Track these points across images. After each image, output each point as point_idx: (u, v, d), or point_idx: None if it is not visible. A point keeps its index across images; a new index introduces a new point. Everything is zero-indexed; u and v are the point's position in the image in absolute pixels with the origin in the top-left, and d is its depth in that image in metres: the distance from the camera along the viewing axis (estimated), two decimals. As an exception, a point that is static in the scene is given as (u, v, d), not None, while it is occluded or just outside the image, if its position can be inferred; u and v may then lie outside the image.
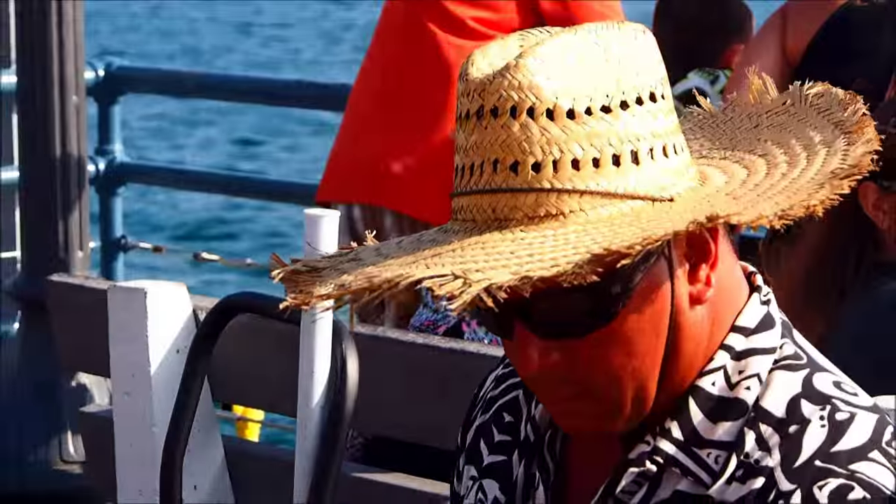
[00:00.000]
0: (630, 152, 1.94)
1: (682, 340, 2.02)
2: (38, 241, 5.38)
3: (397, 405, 3.36)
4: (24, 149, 5.40)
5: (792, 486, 1.94)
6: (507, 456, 2.29)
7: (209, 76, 9.30)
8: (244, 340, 3.69)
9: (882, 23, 4.85)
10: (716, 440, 2.00)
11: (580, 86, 1.95)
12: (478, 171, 1.94)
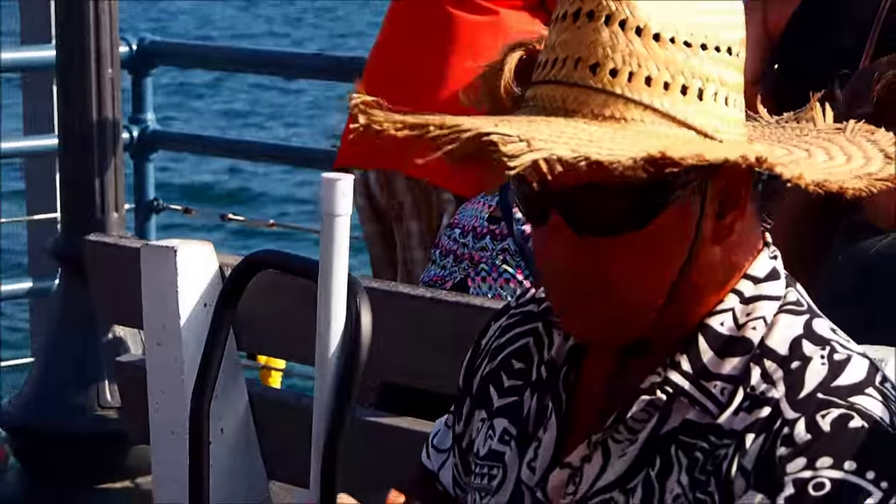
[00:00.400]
0: (697, 88, 1.99)
1: (695, 270, 2.04)
2: (76, 203, 5.38)
3: (407, 355, 3.36)
4: (62, 118, 5.39)
5: (796, 415, 1.96)
6: (519, 396, 2.29)
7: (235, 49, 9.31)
8: (266, 295, 3.69)
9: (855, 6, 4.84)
10: (723, 374, 2.03)
11: (671, 16, 2.01)
12: (560, 64, 1.99)
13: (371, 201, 5.21)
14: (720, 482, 2.00)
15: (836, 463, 1.93)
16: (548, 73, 2.03)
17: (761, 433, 1.97)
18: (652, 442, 2.08)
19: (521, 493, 2.23)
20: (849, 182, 2.00)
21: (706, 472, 2.02)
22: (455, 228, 4.16)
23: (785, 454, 1.95)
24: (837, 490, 1.93)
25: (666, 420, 2.07)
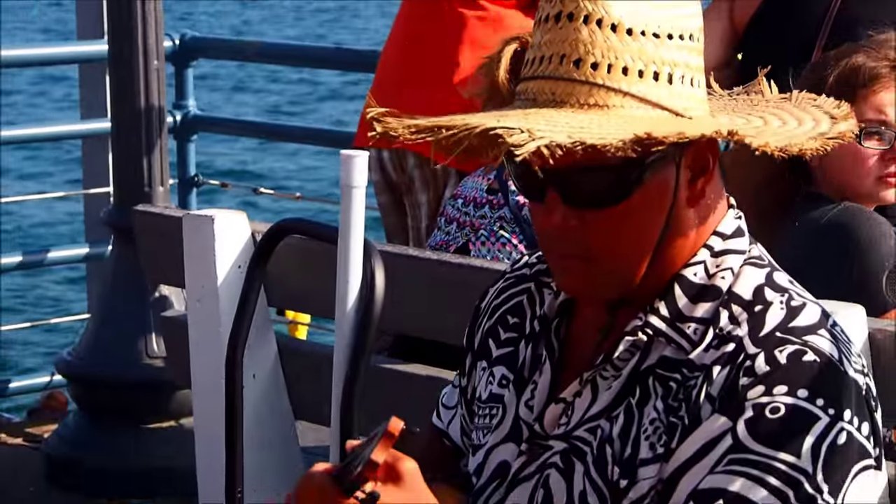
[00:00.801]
0: (667, 73, 2.04)
1: (673, 232, 2.09)
2: (127, 179, 5.38)
3: (416, 309, 3.37)
4: (114, 104, 5.39)
5: (757, 350, 2.01)
6: (514, 347, 2.32)
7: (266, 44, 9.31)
8: (293, 257, 3.69)
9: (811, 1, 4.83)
10: (696, 317, 2.08)
11: (640, 12, 2.04)
12: (547, 61, 2.04)
13: (384, 176, 5.22)
14: (690, 408, 2.03)
15: (790, 390, 1.98)
16: (536, 69, 2.07)
17: (726, 365, 2.01)
18: (633, 376, 2.12)
19: (518, 427, 2.25)
20: (806, 144, 2.07)
21: (678, 400, 2.06)
22: (458, 199, 4.17)
23: (746, 383, 1.99)
24: (791, 414, 1.98)
25: (646, 357, 2.11)
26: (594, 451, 2.12)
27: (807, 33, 4.69)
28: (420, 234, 5.08)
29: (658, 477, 2.06)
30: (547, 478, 2.17)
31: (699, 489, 2.01)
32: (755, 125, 2.12)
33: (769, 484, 1.97)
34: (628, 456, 2.09)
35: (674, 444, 2.04)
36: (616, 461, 2.10)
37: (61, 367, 5.70)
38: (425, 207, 5.14)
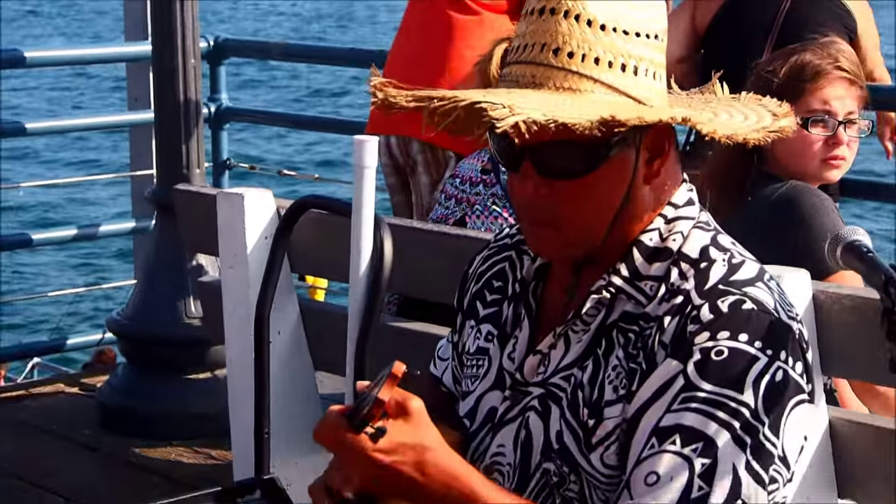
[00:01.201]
0: (633, 66, 2.07)
1: (631, 204, 2.12)
2: (168, 162, 5.39)
3: (419, 274, 3.38)
4: (157, 98, 5.41)
5: (702, 301, 2.05)
6: (498, 307, 2.33)
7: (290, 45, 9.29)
8: (312, 229, 3.69)
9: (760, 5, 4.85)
10: (651, 275, 2.11)
11: (613, 12, 2.06)
12: (530, 49, 2.06)
13: (392, 159, 5.22)
14: (646, 354, 2.07)
15: (732, 335, 2.02)
16: (520, 55, 2.08)
17: (676, 315, 2.05)
18: (600, 330, 2.14)
19: (502, 376, 2.28)
20: (750, 135, 2.12)
21: (637, 348, 2.09)
22: (456, 178, 4.18)
23: (693, 329, 2.02)
24: (733, 355, 2.01)
25: (610, 313, 2.14)
26: (568, 396, 2.15)
27: (758, 35, 4.70)
28: (423, 209, 5.09)
29: (622, 417, 2.08)
30: (527, 419, 2.20)
31: (659, 426, 2.02)
32: (707, 117, 2.13)
33: (718, 417, 1.99)
34: (596, 399, 2.11)
35: (634, 386, 2.07)
36: (586, 404, 2.12)
37: (112, 326, 5.71)
38: (428, 186, 5.14)
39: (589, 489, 2.12)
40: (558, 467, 2.14)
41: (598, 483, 2.10)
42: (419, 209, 5.16)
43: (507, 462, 2.21)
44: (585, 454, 2.11)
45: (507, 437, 2.21)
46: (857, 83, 3.60)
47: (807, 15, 4.75)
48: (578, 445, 2.11)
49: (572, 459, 2.12)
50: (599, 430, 2.10)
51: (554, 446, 2.14)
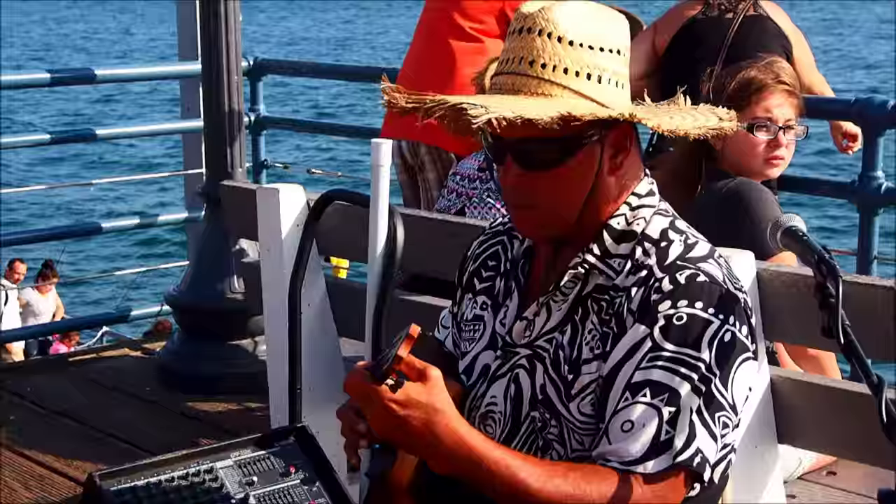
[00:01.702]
0: (597, 75, 2.08)
1: (598, 191, 2.14)
2: (215, 162, 5.37)
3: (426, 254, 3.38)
4: (206, 108, 5.38)
5: (663, 275, 2.08)
6: (492, 282, 2.36)
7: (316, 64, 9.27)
8: (337, 218, 3.70)
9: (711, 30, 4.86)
10: (619, 253, 2.13)
11: (581, 30, 2.08)
12: (511, 62, 2.09)
13: (403, 159, 5.23)
14: (617, 319, 2.10)
15: (689, 303, 2.04)
16: (503, 67, 2.11)
17: (641, 286, 2.07)
18: (577, 300, 2.16)
19: (495, 338, 2.31)
20: (691, 130, 2.14)
21: (608, 314, 2.11)
22: (457, 175, 4.20)
23: (656, 299, 2.05)
24: (691, 320, 2.04)
25: (585, 286, 2.16)
26: (551, 356, 2.16)
27: (710, 55, 4.71)
28: (429, 201, 5.09)
29: (598, 373, 2.10)
30: (517, 375, 2.22)
31: (631, 382, 2.04)
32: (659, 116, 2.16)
33: (680, 372, 2.02)
34: (574, 357, 2.14)
35: (608, 348, 2.09)
36: (566, 362, 2.14)
37: (168, 300, 5.71)
38: (433, 182, 5.15)
39: (567, 433, 2.13)
40: (542, 415, 2.16)
41: (575, 427, 2.12)
42: (426, 201, 5.16)
43: (499, 411, 2.22)
44: (565, 404, 2.12)
45: (498, 390, 2.23)
46: (794, 95, 3.61)
47: (751, 38, 4.75)
48: (559, 396, 2.13)
49: (554, 408, 2.14)
50: (577, 384, 2.11)
51: (539, 397, 2.16)
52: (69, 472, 4.56)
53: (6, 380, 5.68)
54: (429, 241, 3.49)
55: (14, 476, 4.57)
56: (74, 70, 6.20)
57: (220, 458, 3.01)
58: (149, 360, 5.89)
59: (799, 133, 3.63)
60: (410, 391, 1.93)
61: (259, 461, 3.03)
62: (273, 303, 3.88)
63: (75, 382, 5.61)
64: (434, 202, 4.88)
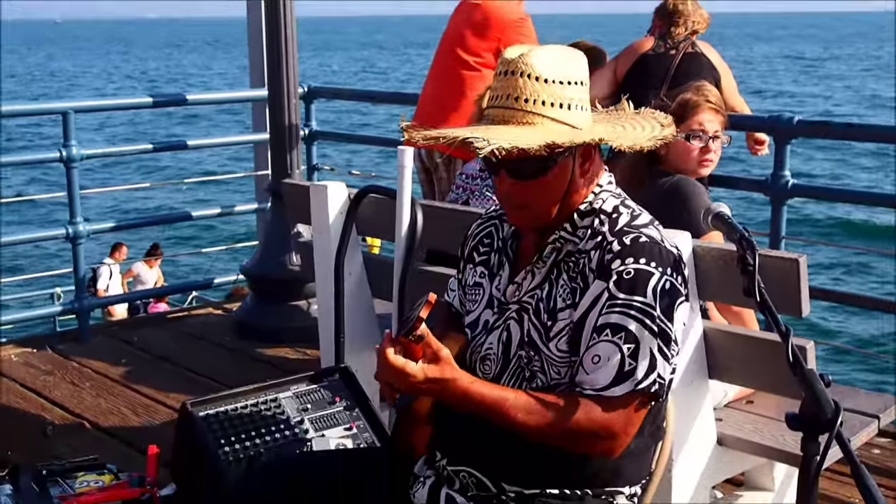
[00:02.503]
0: (568, 104, 2.05)
1: (571, 190, 2.13)
2: (279, 165, 5.39)
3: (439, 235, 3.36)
4: (272, 124, 5.39)
5: (613, 238, 2.08)
6: (488, 256, 2.34)
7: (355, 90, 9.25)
8: (371, 207, 3.68)
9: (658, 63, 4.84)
10: (583, 226, 2.12)
11: (552, 69, 2.05)
12: (499, 98, 2.06)
13: (422, 162, 5.22)
14: (582, 277, 2.10)
15: (635, 260, 2.04)
16: (493, 102, 2.09)
17: (597, 249, 2.07)
18: (553, 265, 2.16)
19: (492, 300, 2.29)
20: (645, 143, 2.12)
21: (575, 273, 2.12)
22: (462, 175, 4.18)
23: (609, 258, 2.05)
24: (638, 273, 2.04)
25: (560, 253, 2.15)
26: (534, 307, 2.16)
27: (657, 82, 4.71)
28: (442, 195, 5.09)
29: (570, 319, 2.09)
30: (508, 325, 2.21)
31: (596, 325, 2.05)
32: (618, 132, 2.14)
33: (632, 315, 2.02)
34: (551, 307, 2.13)
35: (576, 299, 2.09)
36: (545, 311, 2.14)
37: (243, 271, 5.71)
38: (445, 181, 5.14)
39: (547, 366, 2.12)
40: (528, 353, 2.15)
41: (554, 361, 2.11)
42: (439, 194, 5.16)
43: (493, 353, 2.22)
44: (545, 343, 2.12)
45: (494, 338, 2.22)
46: (720, 112, 3.59)
47: (687, 70, 4.74)
48: (541, 338, 2.13)
49: (537, 347, 2.13)
50: (555, 328, 2.11)
51: (525, 340, 2.16)
52: (167, 401, 4.59)
53: (119, 332, 5.71)
54: (441, 224, 3.46)
55: (126, 405, 4.59)
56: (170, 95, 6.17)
57: (282, 391, 3.02)
58: (227, 317, 5.91)
59: (724, 141, 3.62)
60: (427, 371, 1.99)
61: (312, 393, 3.05)
62: (322, 272, 3.86)
63: (171, 334, 5.64)
64: (445, 195, 4.88)
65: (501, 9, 5.13)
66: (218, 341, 5.47)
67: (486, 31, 5.13)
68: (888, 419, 3.21)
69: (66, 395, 4.68)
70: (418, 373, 1.98)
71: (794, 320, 2.74)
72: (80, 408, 4.53)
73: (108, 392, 4.73)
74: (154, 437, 3.93)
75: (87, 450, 3.78)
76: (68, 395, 4.69)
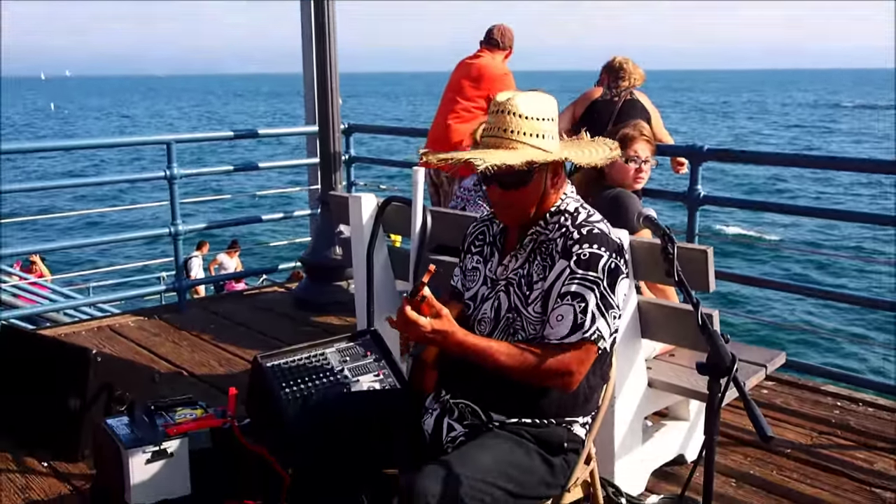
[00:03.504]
0: (542, 134, 2.02)
1: (544, 197, 2.11)
2: (326, 182, 5.35)
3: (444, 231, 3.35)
4: (321, 151, 5.34)
5: (574, 230, 2.04)
6: (482, 247, 2.30)
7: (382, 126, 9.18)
8: (394, 212, 3.67)
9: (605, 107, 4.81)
10: (552, 222, 2.10)
11: (531, 108, 2.03)
12: (492, 129, 2.03)
13: (431, 179, 5.23)
14: (551, 258, 2.07)
15: (589, 245, 2.02)
16: (488, 132, 2.06)
17: (562, 238, 2.05)
18: (531, 251, 2.14)
19: (486, 279, 2.26)
20: (598, 162, 2.10)
21: (546, 255, 2.10)
22: (461, 188, 4.14)
23: (570, 244, 2.03)
24: (591, 255, 2.02)
25: (536, 243, 2.13)
26: (517, 282, 2.14)
27: (605, 120, 4.69)
28: (445, 203, 5.09)
29: (541, 289, 2.08)
30: (498, 296, 2.19)
31: (560, 293, 2.03)
32: (579, 154, 2.11)
33: (586, 285, 2.02)
34: (529, 281, 2.11)
35: (546, 273, 2.07)
36: (525, 284, 2.12)
37: (300, 259, 5.66)
38: (448, 193, 5.14)
39: (526, 323, 2.11)
40: (513, 315, 2.14)
41: (531, 320, 2.10)
42: (444, 203, 5.15)
43: (487, 317, 2.20)
44: (525, 306, 2.11)
45: (488, 306, 2.21)
46: (651, 143, 3.58)
47: (627, 112, 4.74)
48: (522, 304, 2.11)
49: (519, 310, 2.12)
50: (531, 296, 2.10)
51: (511, 306, 2.14)
52: (244, 356, 4.59)
53: (208, 305, 5.72)
54: (445, 225, 3.47)
55: (213, 358, 4.60)
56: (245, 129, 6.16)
57: (328, 347, 3.04)
58: (288, 294, 5.90)
59: (653, 164, 3.60)
60: (433, 324, 1.99)
61: (350, 349, 3.05)
62: (358, 260, 3.86)
63: (247, 307, 5.63)
64: (448, 203, 4.88)
65: (491, 66, 5.13)
66: (281, 311, 5.46)
67: (479, 82, 5.13)
68: (773, 367, 3.22)
69: (169, 351, 4.69)
70: (426, 325, 1.98)
71: (704, 294, 2.75)
72: (179, 360, 4.53)
73: (199, 349, 4.74)
74: (234, 382, 3.95)
75: (185, 391, 3.79)
76: (170, 351, 4.70)
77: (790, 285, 5.11)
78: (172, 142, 5.38)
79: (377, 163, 7.94)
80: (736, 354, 1.78)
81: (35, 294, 9.14)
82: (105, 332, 5.04)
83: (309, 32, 6.03)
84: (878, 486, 3.12)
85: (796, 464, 3.30)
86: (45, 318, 7.17)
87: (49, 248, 6.00)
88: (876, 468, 3.27)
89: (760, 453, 3.38)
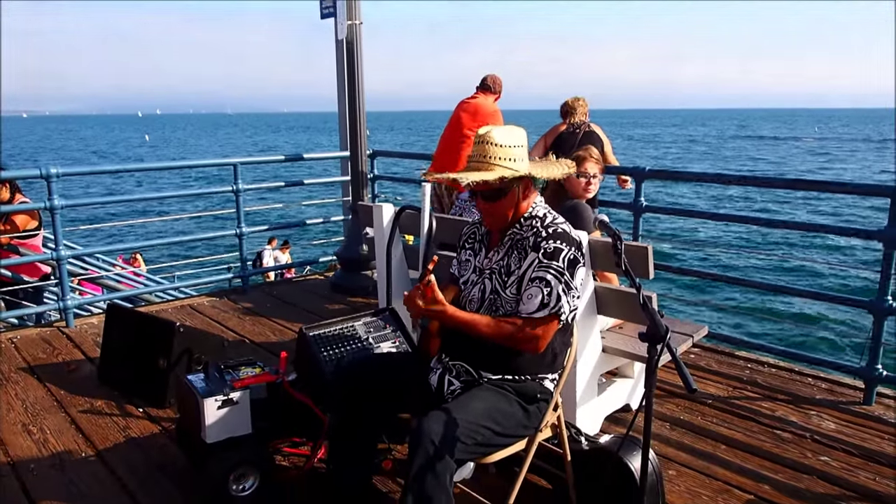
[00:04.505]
0: (514, 158, 1.98)
1: (518, 206, 2.06)
2: (356, 194, 5.30)
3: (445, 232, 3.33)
4: (352, 170, 5.29)
5: (542, 230, 2.00)
6: (473, 244, 2.25)
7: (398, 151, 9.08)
8: (408, 217, 3.64)
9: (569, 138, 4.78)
10: (526, 225, 2.05)
11: (505, 137, 1.97)
12: (476, 156, 2.00)
13: (435, 192, 5.16)
14: (524, 252, 2.03)
15: (554, 241, 1.98)
16: (471, 159, 2.02)
17: (533, 236, 2.01)
18: (510, 247, 2.09)
19: (475, 269, 2.23)
20: (556, 175, 2.05)
21: (521, 250, 2.06)
22: (459, 199, 4.14)
23: (540, 240, 1.99)
24: (555, 249, 1.98)
25: (513, 241, 2.08)
26: (498, 271, 2.12)
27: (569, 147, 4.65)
28: (447, 211, 5.06)
29: (516, 276, 2.06)
30: (484, 282, 2.17)
31: (531, 278, 2.02)
32: (543, 171, 2.09)
33: (551, 272, 1.99)
34: (507, 270, 2.09)
35: (521, 264, 2.05)
36: (504, 273, 2.10)
37: (336, 253, 5.63)
38: (448, 203, 5.10)
39: (504, 303, 2.10)
40: (494, 296, 2.13)
41: (508, 300, 2.09)
42: (446, 211, 5.11)
43: (475, 297, 2.19)
44: (504, 290, 2.10)
45: (476, 290, 2.20)
46: (599, 163, 3.54)
47: (586, 140, 4.72)
48: (501, 287, 2.10)
49: (499, 293, 2.11)
50: (509, 282, 2.09)
51: (493, 289, 2.13)
52: (292, 327, 4.58)
53: (266, 289, 5.71)
54: (446, 227, 3.47)
55: (269, 329, 4.59)
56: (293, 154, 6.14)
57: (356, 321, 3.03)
58: (327, 281, 5.87)
59: (601, 180, 3.58)
60: (431, 304, 2.00)
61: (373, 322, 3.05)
62: (379, 255, 3.84)
63: (296, 290, 5.61)
64: (448, 210, 4.87)
65: (485, 105, 5.11)
66: (322, 294, 5.44)
67: (475, 117, 5.10)
68: (698, 337, 3.22)
69: (235, 324, 4.68)
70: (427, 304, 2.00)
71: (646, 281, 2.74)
72: (243, 331, 4.53)
73: (258, 322, 4.73)
74: (284, 346, 3.94)
75: (247, 355, 3.80)
76: (236, 324, 4.69)
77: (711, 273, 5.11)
78: (238, 164, 5.40)
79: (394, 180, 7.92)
80: (669, 327, 1.79)
81: (133, 280, 9.14)
82: (186, 309, 5.03)
83: (342, 78, 6.02)
84: (778, 429, 3.16)
85: (715, 412, 3.32)
86: (141, 298, 7.17)
87: (146, 245, 6.00)
88: (777, 415, 3.29)
89: (688, 403, 3.39)
